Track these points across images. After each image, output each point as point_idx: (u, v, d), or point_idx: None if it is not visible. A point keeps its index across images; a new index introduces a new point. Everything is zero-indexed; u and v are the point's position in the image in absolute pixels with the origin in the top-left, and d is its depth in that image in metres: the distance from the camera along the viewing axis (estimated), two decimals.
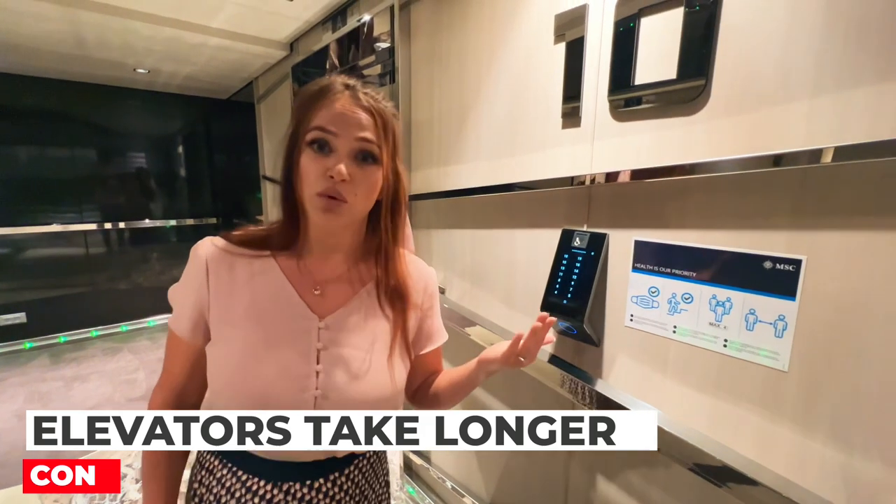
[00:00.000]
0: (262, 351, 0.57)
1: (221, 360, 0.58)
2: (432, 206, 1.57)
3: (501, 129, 1.23)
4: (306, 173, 0.56)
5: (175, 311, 0.62)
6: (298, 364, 0.58)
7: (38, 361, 3.11)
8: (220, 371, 0.58)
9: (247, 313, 0.59)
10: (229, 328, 0.59)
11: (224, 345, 0.58)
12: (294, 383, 0.57)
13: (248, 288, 0.60)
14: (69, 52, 2.57)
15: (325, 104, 0.56)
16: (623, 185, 0.95)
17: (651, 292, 0.92)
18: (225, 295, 0.59)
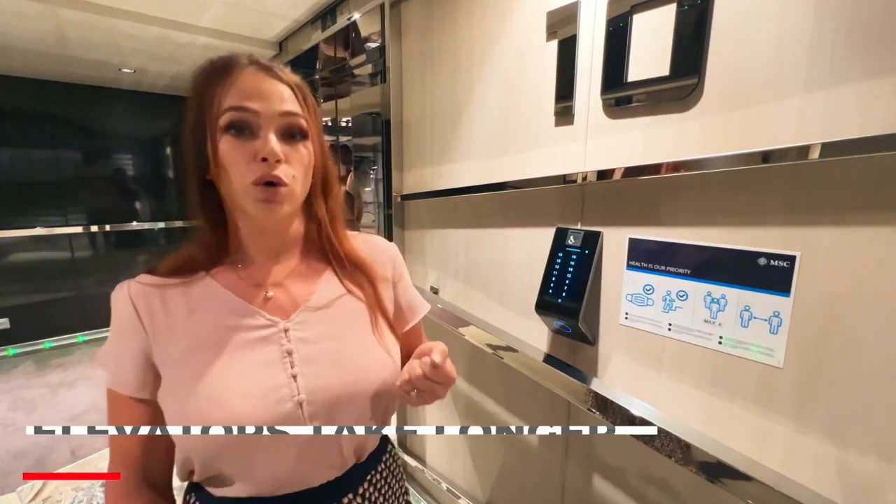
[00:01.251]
0: (221, 379, 0.49)
1: (175, 404, 0.49)
2: (425, 206, 1.56)
3: (494, 127, 1.22)
4: (232, 163, 0.48)
5: (112, 374, 0.51)
6: (267, 378, 0.51)
7: (22, 368, 3.04)
8: (182, 417, 0.48)
9: (195, 346, 0.51)
10: (178, 367, 0.50)
11: (176, 386, 0.50)
12: (267, 402, 0.50)
13: (188, 318, 0.52)
14: (51, 51, 2.52)
15: (232, 81, 0.48)
16: (616, 183, 0.95)
17: (646, 290, 0.91)
18: (164, 333, 0.51)
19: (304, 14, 2.05)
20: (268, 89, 0.49)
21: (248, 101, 0.48)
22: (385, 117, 1.68)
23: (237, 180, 0.49)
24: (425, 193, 1.50)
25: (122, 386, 0.51)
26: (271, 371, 0.52)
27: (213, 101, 0.49)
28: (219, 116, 0.48)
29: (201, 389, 0.49)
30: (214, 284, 0.54)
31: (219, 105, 0.48)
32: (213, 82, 0.49)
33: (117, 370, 0.51)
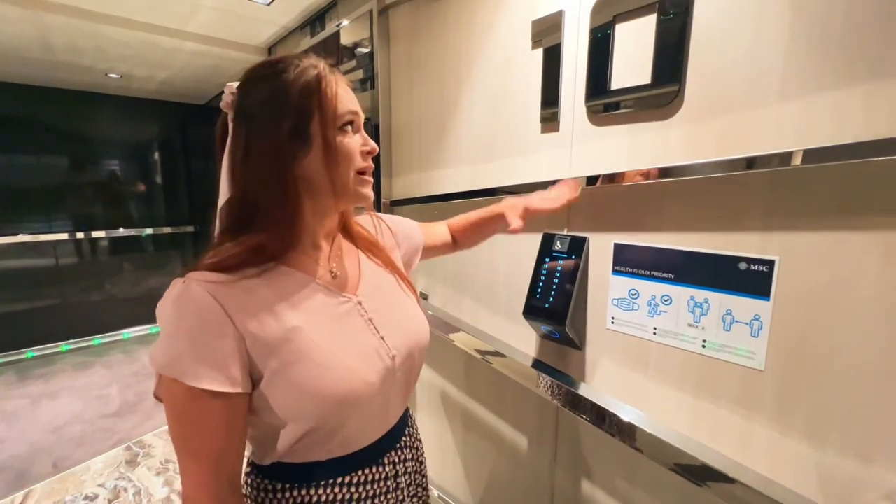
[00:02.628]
0: (337, 350, 0.56)
1: (303, 380, 0.52)
2: (414, 211, 1.56)
3: (481, 133, 1.23)
4: (350, 156, 0.57)
5: (199, 372, 0.49)
6: (368, 343, 0.60)
7: (2, 378, 2.97)
8: (307, 391, 0.53)
9: (297, 326, 0.54)
10: (287, 349, 0.53)
11: (296, 366, 0.53)
12: (376, 360, 0.59)
13: (279, 303, 0.55)
14: (35, 56, 2.49)
15: (338, 86, 0.56)
16: (601, 189, 0.96)
17: (631, 295, 0.92)
18: (259, 321, 0.52)
19: (293, 20, 2.05)
20: (352, 95, 0.58)
21: (351, 105, 0.57)
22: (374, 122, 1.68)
23: (350, 171, 0.57)
24: (414, 199, 1.51)
25: (218, 383, 0.49)
26: (366, 338, 0.60)
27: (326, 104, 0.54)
28: (336, 117, 0.55)
29: (321, 361, 0.54)
30: (293, 271, 0.58)
31: (335, 108, 0.55)
32: (319, 90, 0.54)
33: (207, 369, 0.49)
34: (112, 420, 2.45)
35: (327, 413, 0.55)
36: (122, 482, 1.94)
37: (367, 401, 0.58)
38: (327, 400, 0.54)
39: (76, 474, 1.99)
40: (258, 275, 0.55)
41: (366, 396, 0.57)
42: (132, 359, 3.30)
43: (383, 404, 0.63)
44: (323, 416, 0.55)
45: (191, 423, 0.51)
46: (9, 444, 2.23)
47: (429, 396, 1.62)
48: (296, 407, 0.53)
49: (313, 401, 0.53)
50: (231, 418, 0.52)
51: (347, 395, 0.55)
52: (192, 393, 0.49)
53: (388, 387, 0.61)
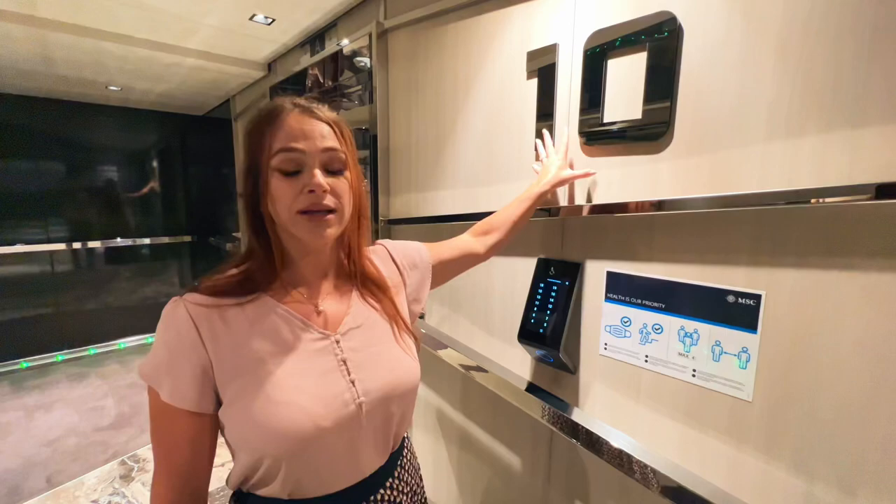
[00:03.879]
0: (293, 387, 0.55)
1: (250, 412, 0.53)
2: (411, 231, 1.58)
3: (477, 158, 1.26)
4: (281, 197, 0.55)
5: (167, 387, 0.53)
6: (332, 384, 0.58)
7: None
8: (252, 424, 0.53)
9: (260, 357, 0.55)
10: (246, 378, 0.54)
11: (248, 397, 0.53)
12: (336, 404, 0.57)
13: (251, 333, 0.56)
14: (37, 70, 2.51)
15: (279, 125, 0.55)
16: (594, 218, 0.98)
17: (623, 322, 0.94)
18: (229, 349, 0.54)
19: (293, 39, 2.08)
20: (310, 129, 0.56)
21: (293, 142, 0.55)
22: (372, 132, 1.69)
23: (285, 212, 0.56)
24: (411, 219, 1.52)
25: (180, 401, 0.53)
26: (333, 378, 0.58)
27: (264, 144, 0.55)
28: (270, 158, 0.55)
29: (275, 396, 0.53)
30: (271, 301, 0.59)
31: (269, 148, 0.55)
32: (263, 129, 0.56)
33: (174, 386, 0.53)
34: (107, 433, 2.44)
35: (274, 450, 0.53)
36: (117, 497, 1.93)
37: (322, 445, 0.55)
38: (273, 437, 0.52)
39: (69, 490, 1.98)
40: (241, 304, 0.57)
41: (317, 440, 0.54)
42: (127, 369, 3.29)
43: (348, 451, 0.59)
44: (269, 452, 0.53)
45: (162, 431, 0.55)
46: (2, 457, 2.21)
47: (425, 415, 1.63)
48: (244, 437, 0.54)
49: (260, 434, 0.53)
50: (196, 435, 0.55)
51: (294, 435, 0.53)
52: (163, 404, 0.53)
53: (351, 434, 0.58)
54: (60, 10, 1.76)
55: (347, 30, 1.80)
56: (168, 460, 0.55)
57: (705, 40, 0.77)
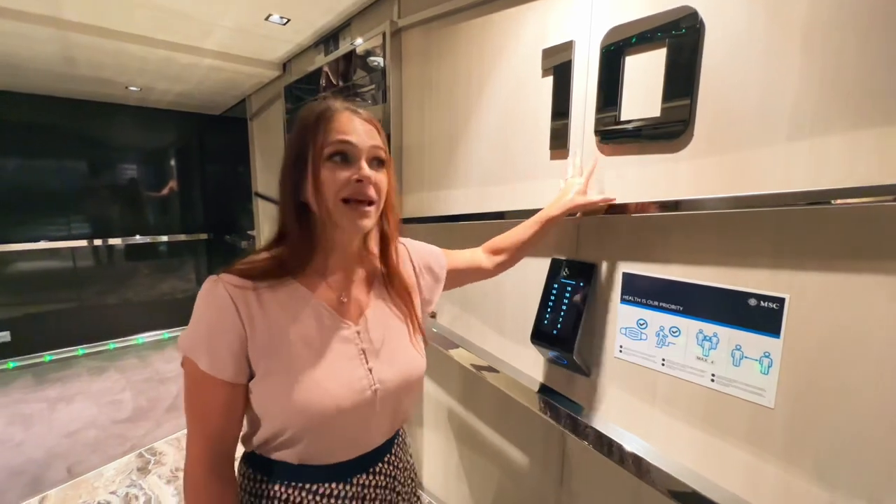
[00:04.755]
0: (318, 370, 0.60)
1: (279, 388, 0.59)
2: (424, 230, 1.57)
3: (491, 157, 1.25)
4: (330, 184, 0.59)
5: (207, 359, 0.57)
6: (353, 370, 0.63)
7: (21, 382, 3.04)
8: (280, 399, 0.59)
9: (291, 339, 0.60)
10: (277, 357, 0.59)
11: (278, 374, 0.59)
12: (355, 388, 0.62)
13: (282, 315, 0.61)
14: (60, 70, 2.57)
15: (335, 120, 0.60)
16: (610, 218, 0.96)
17: (639, 324, 0.92)
18: (263, 328, 0.59)
19: (308, 38, 2.09)
20: (361, 127, 0.61)
21: (349, 135, 0.60)
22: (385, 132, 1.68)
23: (332, 198, 0.59)
24: (424, 218, 1.52)
25: (219, 372, 0.58)
26: (353, 365, 0.64)
27: (318, 137, 0.59)
28: (325, 147, 0.59)
29: (302, 377, 0.59)
30: (302, 289, 0.64)
31: (322, 140, 0.59)
32: (318, 122, 0.60)
33: (214, 358, 0.58)
34: (125, 426, 2.50)
35: (297, 423, 0.59)
36: (134, 489, 1.97)
37: (338, 423, 0.61)
38: (298, 412, 0.58)
39: (89, 480, 2.03)
40: (273, 287, 0.61)
41: (335, 419, 0.60)
42: (145, 364, 3.36)
43: (360, 430, 0.65)
44: (293, 424, 0.59)
45: (198, 400, 0.60)
46: (26, 447, 2.28)
47: (435, 414, 1.63)
48: (271, 409, 0.60)
49: (286, 409, 0.58)
50: (229, 403, 0.59)
51: (317, 412, 0.59)
52: (202, 374, 0.58)
53: (365, 416, 0.64)
54: (84, 12, 1.81)
55: (361, 29, 1.80)
56: (203, 425, 0.60)
57: (727, 35, 0.75)
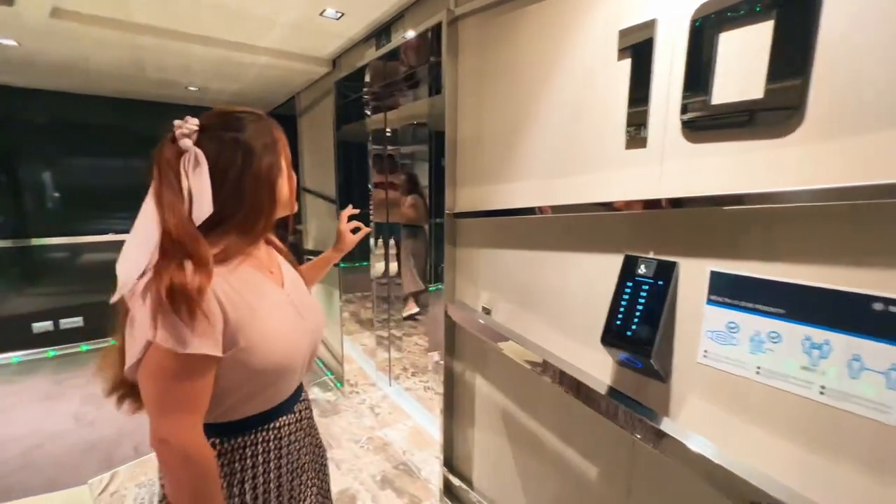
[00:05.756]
0: (284, 328, 0.77)
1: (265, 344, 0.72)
2: (479, 224, 1.54)
3: (555, 147, 1.19)
4: (292, 183, 0.84)
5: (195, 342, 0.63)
6: (298, 324, 0.81)
7: (93, 364, 3.28)
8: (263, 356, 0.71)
9: (257, 310, 0.72)
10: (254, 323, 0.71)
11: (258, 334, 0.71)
12: (304, 336, 0.81)
13: (246, 292, 0.72)
14: (129, 73, 2.73)
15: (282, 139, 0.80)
16: (695, 211, 0.88)
17: (730, 328, 0.84)
18: (234, 306, 0.69)
19: (360, 32, 2.10)
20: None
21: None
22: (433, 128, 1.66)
23: (290, 192, 0.83)
24: (479, 213, 1.48)
25: (215, 348, 0.65)
26: (298, 321, 0.81)
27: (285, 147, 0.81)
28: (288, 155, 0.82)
29: (273, 336, 0.73)
30: (249, 269, 0.76)
31: (288, 150, 0.81)
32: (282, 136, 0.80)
33: (208, 339, 0.64)
34: None
35: (271, 374, 0.74)
36: None
37: (297, 363, 0.79)
38: (278, 364, 0.74)
39: (151, 460, 2.15)
40: (233, 270, 0.72)
41: (297, 360, 0.79)
42: None
43: (301, 369, 0.83)
44: (267, 377, 0.74)
45: (186, 382, 0.64)
46: (98, 426, 2.45)
47: (488, 414, 1.59)
48: (256, 367, 0.71)
49: (269, 361, 0.72)
50: (208, 374, 0.66)
51: (289, 360, 0.76)
52: (190, 359, 0.63)
53: (305, 355, 0.82)
54: (152, 14, 1.89)
55: (415, 20, 1.78)
56: (192, 405, 0.65)
57: (852, 5, 0.66)
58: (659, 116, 0.93)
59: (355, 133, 2.97)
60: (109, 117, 3.47)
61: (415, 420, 2.48)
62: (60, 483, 2.00)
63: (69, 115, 3.34)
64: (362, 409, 2.61)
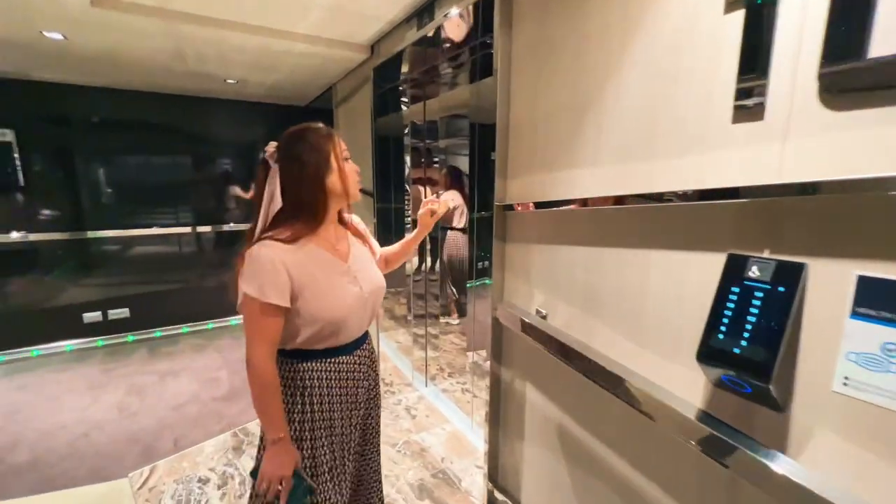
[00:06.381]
0: (336, 289, 1.00)
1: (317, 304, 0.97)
2: (532, 217, 1.37)
3: (634, 125, 1.01)
4: (350, 173, 1.03)
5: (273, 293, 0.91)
6: (351, 287, 1.02)
7: (138, 355, 3.36)
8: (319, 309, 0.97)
9: (318, 276, 0.97)
10: (313, 286, 0.96)
11: (316, 297, 0.96)
12: (355, 295, 1.02)
13: (310, 263, 0.97)
14: (170, 66, 2.73)
15: (335, 139, 1.00)
16: (835, 200, 0.69)
17: (886, 350, 0.65)
18: (300, 270, 0.94)
19: (400, 12, 1.97)
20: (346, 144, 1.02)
21: (347, 150, 1.03)
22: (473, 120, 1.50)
23: (352, 181, 1.03)
24: (535, 204, 1.32)
25: (282, 300, 0.92)
26: (352, 285, 1.03)
27: (337, 146, 1.00)
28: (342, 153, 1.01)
29: (327, 294, 0.98)
30: (313, 245, 1.00)
31: (338, 150, 1.00)
32: (328, 139, 0.99)
33: (275, 293, 0.91)
34: (222, 403, 2.62)
35: (328, 322, 0.98)
36: (230, 469, 2.03)
37: (348, 316, 1.01)
38: (332, 314, 0.98)
39: (192, 455, 2.13)
40: (299, 247, 0.96)
41: (347, 314, 1.01)
42: (239, 344, 3.56)
43: (356, 320, 1.04)
44: (325, 323, 0.98)
45: (263, 322, 0.93)
46: (140, 417, 2.48)
47: (540, 426, 1.44)
48: (312, 316, 0.97)
49: (324, 314, 0.97)
50: (281, 320, 0.95)
51: (339, 314, 0.99)
52: (265, 305, 0.91)
53: (358, 310, 1.03)
54: (189, 1, 1.84)
55: None
56: (266, 336, 0.94)
57: None
58: (783, 78, 0.74)
59: (392, 126, 2.86)
60: (155, 114, 3.53)
61: (453, 424, 2.36)
62: (102, 473, 2.01)
63: (117, 111, 3.41)
64: (398, 410, 2.52)
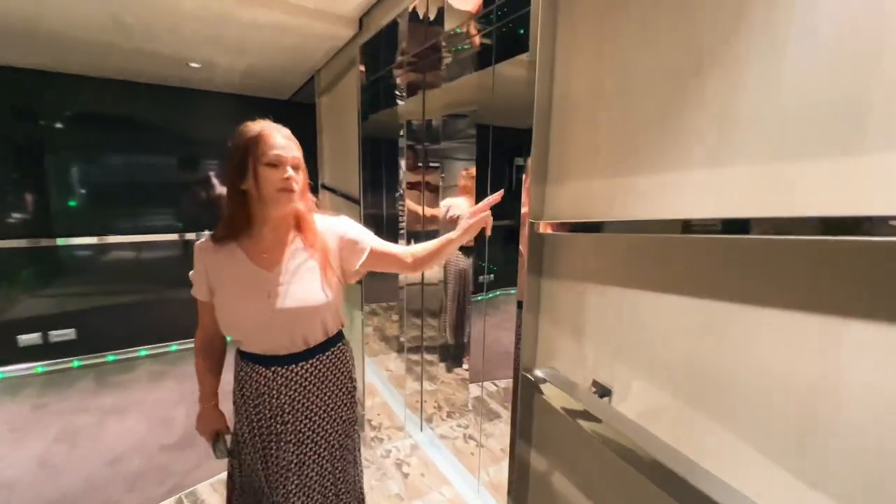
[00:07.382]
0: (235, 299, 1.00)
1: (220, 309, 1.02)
2: (589, 243, 0.94)
3: (793, 100, 0.58)
4: (269, 180, 0.94)
5: (194, 286, 1.04)
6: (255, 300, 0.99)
7: (82, 384, 2.87)
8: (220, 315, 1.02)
9: (225, 280, 1.00)
10: (221, 290, 1.01)
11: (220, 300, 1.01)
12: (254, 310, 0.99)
13: (224, 265, 1.01)
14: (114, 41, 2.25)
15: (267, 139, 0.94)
16: None
17: None
18: (214, 271, 1.01)
19: None
20: (286, 144, 0.96)
21: (280, 150, 0.95)
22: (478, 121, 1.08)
23: (270, 188, 0.95)
24: (587, 224, 0.89)
25: (200, 294, 1.05)
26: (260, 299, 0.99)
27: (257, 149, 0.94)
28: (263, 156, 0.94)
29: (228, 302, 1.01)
30: (238, 250, 1.01)
31: (263, 151, 0.93)
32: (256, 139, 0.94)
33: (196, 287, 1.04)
34: (170, 455, 2.15)
35: (228, 328, 1.03)
36: None
37: (245, 331, 1.02)
38: (225, 323, 1.02)
39: None
40: (222, 247, 1.01)
41: (242, 328, 1.01)
42: None
43: (262, 336, 1.01)
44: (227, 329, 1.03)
45: (198, 307, 1.08)
46: (65, 475, 1.99)
47: None
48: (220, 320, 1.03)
49: (223, 320, 1.02)
50: (209, 309, 1.06)
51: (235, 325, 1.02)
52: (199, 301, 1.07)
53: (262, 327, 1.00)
54: None
55: None
56: (200, 322, 1.10)
57: None
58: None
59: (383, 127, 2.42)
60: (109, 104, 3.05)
61: (454, 488, 1.91)
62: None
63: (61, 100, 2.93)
64: (387, 466, 2.06)
